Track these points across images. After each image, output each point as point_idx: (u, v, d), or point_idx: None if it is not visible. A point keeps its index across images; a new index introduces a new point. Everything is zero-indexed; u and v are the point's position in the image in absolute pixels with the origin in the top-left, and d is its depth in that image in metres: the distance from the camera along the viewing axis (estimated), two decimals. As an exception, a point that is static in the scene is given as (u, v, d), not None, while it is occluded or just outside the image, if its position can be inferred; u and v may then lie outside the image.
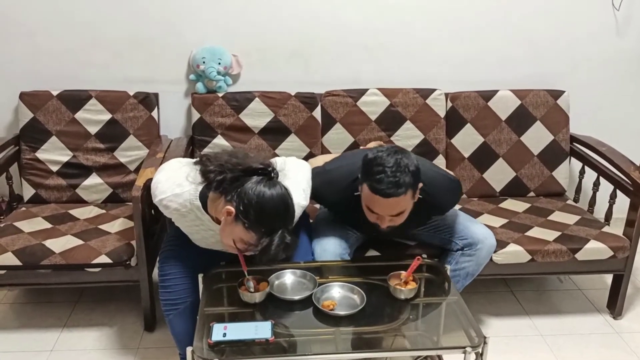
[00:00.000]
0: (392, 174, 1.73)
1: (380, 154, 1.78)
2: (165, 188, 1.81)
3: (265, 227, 1.65)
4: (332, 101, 2.71)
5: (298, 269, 1.90)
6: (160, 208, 1.86)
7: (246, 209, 1.63)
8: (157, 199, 1.82)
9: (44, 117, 2.61)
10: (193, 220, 1.85)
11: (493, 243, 2.16)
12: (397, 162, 1.75)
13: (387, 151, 1.79)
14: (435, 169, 2.08)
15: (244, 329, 1.62)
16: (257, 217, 1.64)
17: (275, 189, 1.66)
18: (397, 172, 1.74)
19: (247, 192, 1.64)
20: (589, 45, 2.89)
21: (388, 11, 2.75)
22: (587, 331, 2.42)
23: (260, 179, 1.67)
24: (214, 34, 2.71)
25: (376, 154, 1.79)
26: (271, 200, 1.64)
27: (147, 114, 2.67)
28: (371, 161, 1.79)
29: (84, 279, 2.21)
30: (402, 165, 1.75)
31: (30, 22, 2.64)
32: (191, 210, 1.81)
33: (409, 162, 1.77)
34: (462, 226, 2.16)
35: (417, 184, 1.81)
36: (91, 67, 2.71)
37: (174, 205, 1.80)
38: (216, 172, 1.71)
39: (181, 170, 1.85)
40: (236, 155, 1.77)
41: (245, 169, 1.69)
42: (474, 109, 2.75)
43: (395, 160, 1.75)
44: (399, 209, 1.81)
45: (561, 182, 2.80)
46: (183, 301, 1.92)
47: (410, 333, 1.70)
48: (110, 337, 2.34)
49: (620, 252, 2.33)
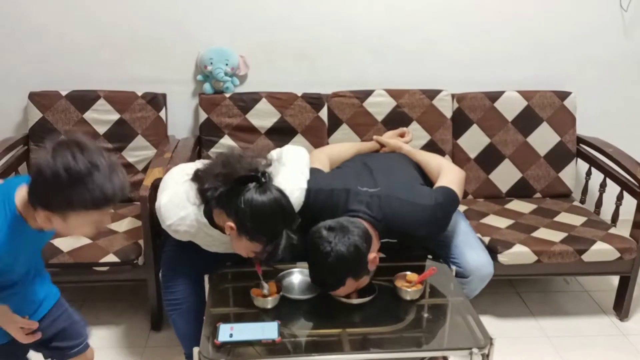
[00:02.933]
0: (327, 271, 1.68)
1: (318, 241, 1.68)
2: (170, 213, 1.80)
3: (265, 234, 1.64)
4: (338, 102, 2.72)
5: (305, 269, 1.91)
6: (170, 233, 1.85)
7: (242, 223, 1.63)
8: (165, 224, 1.82)
9: (53, 117, 2.62)
10: (204, 237, 1.85)
11: (488, 272, 2.06)
12: (328, 253, 1.64)
13: (326, 239, 1.67)
14: (416, 196, 1.92)
15: (251, 329, 1.62)
16: (254, 227, 1.63)
17: (266, 194, 1.64)
18: (327, 272, 1.68)
19: (240, 205, 1.62)
20: (596, 46, 2.88)
21: (395, 12, 2.75)
22: (593, 333, 2.42)
23: (252, 186, 1.65)
24: (221, 35, 2.72)
25: (315, 239, 1.69)
26: (263, 207, 1.62)
27: (155, 114, 2.68)
28: (311, 246, 1.70)
29: (92, 278, 2.23)
30: (333, 256, 1.64)
31: (40, 23, 2.66)
32: (199, 229, 1.81)
33: (343, 250, 1.65)
34: (458, 250, 2.07)
35: (358, 267, 1.70)
36: (100, 68, 2.73)
37: (183, 229, 1.81)
38: (211, 189, 1.69)
39: (182, 188, 1.82)
40: (229, 162, 1.72)
41: (237, 180, 1.66)
42: (480, 109, 2.75)
43: (328, 252, 1.64)
44: (346, 292, 1.73)
45: (567, 183, 2.80)
46: (186, 301, 1.93)
47: (416, 334, 1.70)
48: (117, 336, 2.35)
49: (627, 254, 2.32)
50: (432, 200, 1.90)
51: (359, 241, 1.69)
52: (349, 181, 1.98)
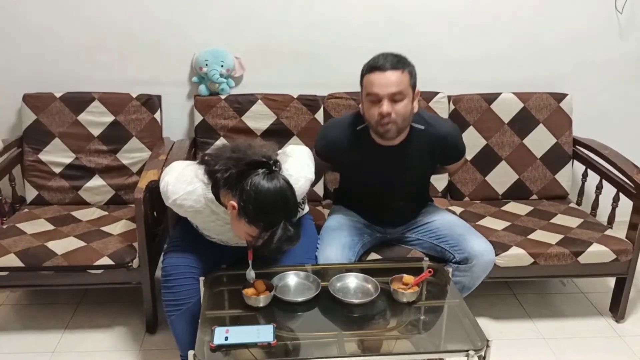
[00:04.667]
0: (390, 55, 1.93)
1: (380, 54, 1.95)
2: (176, 188, 1.83)
3: (264, 221, 1.65)
4: (334, 103, 2.71)
5: (301, 271, 1.90)
6: (174, 209, 1.87)
7: (245, 204, 1.64)
8: (170, 200, 1.84)
9: (47, 119, 2.61)
10: (209, 215, 1.86)
11: (489, 259, 2.10)
12: (395, 54, 1.94)
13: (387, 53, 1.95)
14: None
15: (246, 332, 1.62)
16: (255, 212, 1.64)
17: (273, 182, 1.65)
18: (395, 55, 1.93)
19: (246, 187, 1.64)
20: (591, 48, 2.88)
21: (391, 14, 2.75)
22: (589, 334, 2.42)
23: (261, 172, 1.67)
24: (216, 36, 2.71)
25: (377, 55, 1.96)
26: (268, 194, 1.64)
27: (149, 116, 2.67)
28: (372, 58, 1.96)
29: (86, 281, 2.22)
30: (399, 55, 1.94)
31: (35, 25, 2.65)
32: (206, 205, 1.82)
33: (407, 59, 1.96)
34: (462, 238, 2.12)
35: (414, 75, 1.97)
36: (94, 69, 2.72)
37: (188, 203, 1.82)
38: (222, 170, 1.72)
39: (188, 169, 1.87)
40: (238, 149, 1.78)
41: (249, 163, 1.69)
42: (476, 111, 2.75)
43: (394, 54, 1.94)
44: (397, 87, 1.90)
45: (564, 185, 2.80)
46: (186, 302, 1.92)
47: (413, 336, 1.70)
48: (112, 339, 2.34)
49: (623, 255, 2.32)
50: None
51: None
52: None
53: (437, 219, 2.22)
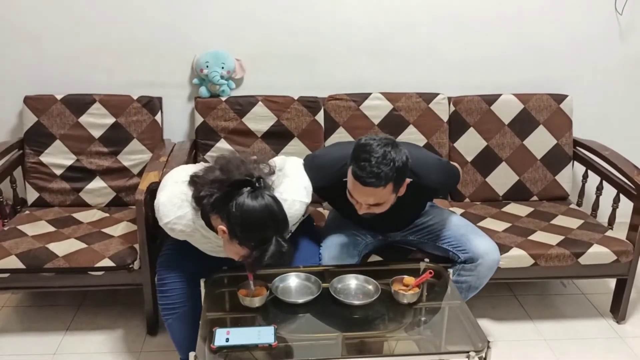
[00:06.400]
0: (375, 165, 1.73)
1: (371, 142, 1.78)
2: (167, 212, 1.80)
3: (254, 240, 1.62)
4: (335, 105, 2.71)
5: (302, 272, 1.90)
6: (167, 231, 1.85)
7: (232, 227, 1.62)
8: (162, 222, 1.82)
9: (48, 121, 2.61)
10: (200, 238, 1.86)
11: (495, 258, 2.09)
12: (384, 154, 1.74)
13: (379, 141, 1.78)
14: (426, 151, 2.11)
15: (247, 334, 1.62)
16: (243, 233, 1.62)
17: (257, 200, 1.62)
18: (381, 164, 1.73)
19: (232, 209, 1.62)
20: (592, 50, 2.89)
21: (392, 15, 2.76)
22: (590, 336, 2.42)
23: (246, 191, 1.64)
24: (217, 38, 2.71)
25: (368, 140, 1.79)
26: (254, 212, 1.61)
27: (150, 118, 2.68)
28: (361, 147, 1.79)
29: (87, 283, 2.22)
30: (388, 158, 1.74)
31: (35, 27, 2.65)
32: (196, 230, 1.81)
33: (397, 157, 1.76)
34: (465, 238, 2.12)
35: (402, 179, 1.82)
36: (95, 71, 2.72)
37: (179, 228, 1.81)
38: (207, 196, 1.69)
39: (180, 188, 1.82)
40: (227, 168, 1.74)
41: (232, 184, 1.66)
42: (477, 113, 2.75)
43: (384, 152, 1.75)
44: (376, 200, 1.81)
45: (564, 186, 2.80)
46: (181, 306, 1.93)
47: (413, 338, 1.70)
48: (113, 341, 2.34)
49: (624, 257, 2.32)
50: (440, 158, 2.10)
51: (405, 157, 1.79)
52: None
53: (438, 221, 2.21)
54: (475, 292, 2.14)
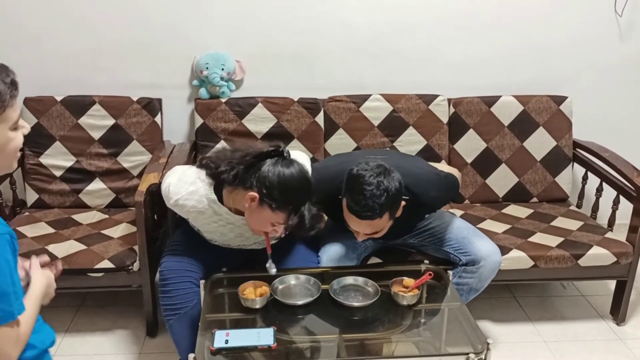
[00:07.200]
0: (370, 197, 1.73)
1: (363, 173, 1.77)
2: (178, 189, 1.83)
3: (292, 204, 1.69)
4: (335, 106, 2.71)
5: (302, 274, 1.90)
6: (175, 210, 1.88)
7: (270, 191, 1.66)
8: (172, 200, 1.84)
9: (48, 122, 2.61)
10: (211, 216, 1.86)
11: (497, 260, 2.10)
12: (377, 184, 1.74)
13: (371, 171, 1.77)
14: (423, 166, 2.07)
15: (246, 335, 1.62)
16: (282, 197, 1.67)
17: (293, 167, 1.71)
18: (374, 196, 1.73)
19: (267, 175, 1.67)
20: (591, 51, 2.89)
21: (391, 17, 2.76)
22: (590, 337, 2.41)
23: (275, 160, 1.70)
24: (217, 39, 2.71)
25: (360, 171, 1.78)
26: (292, 178, 1.68)
27: (150, 120, 2.68)
28: (353, 178, 1.79)
29: (87, 284, 2.22)
30: (381, 188, 1.74)
31: (35, 28, 2.65)
32: (208, 206, 1.83)
33: (390, 185, 1.75)
34: (466, 241, 2.12)
35: (397, 205, 1.83)
36: (95, 73, 2.72)
37: (190, 203, 1.83)
38: (227, 170, 1.74)
39: (190, 170, 1.89)
40: (238, 149, 1.82)
41: (257, 155, 1.72)
42: (476, 114, 2.75)
43: (377, 183, 1.74)
44: (373, 229, 1.83)
45: (564, 187, 2.80)
46: (183, 306, 1.92)
47: (413, 339, 1.70)
48: (112, 342, 2.34)
49: (624, 258, 2.32)
50: (439, 172, 2.03)
51: (399, 182, 1.79)
52: (356, 155, 2.09)
53: (439, 224, 2.20)
54: (476, 294, 2.14)
